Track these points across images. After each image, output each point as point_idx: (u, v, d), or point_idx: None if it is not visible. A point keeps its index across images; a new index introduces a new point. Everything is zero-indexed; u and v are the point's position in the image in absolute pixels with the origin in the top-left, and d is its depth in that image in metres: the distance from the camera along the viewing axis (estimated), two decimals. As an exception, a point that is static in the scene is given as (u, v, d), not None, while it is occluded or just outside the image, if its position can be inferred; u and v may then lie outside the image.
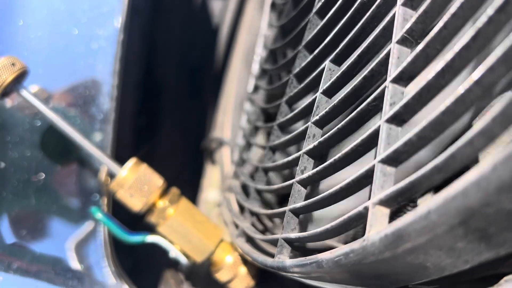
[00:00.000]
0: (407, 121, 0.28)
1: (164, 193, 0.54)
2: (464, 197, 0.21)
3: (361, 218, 0.28)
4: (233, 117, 0.81)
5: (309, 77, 0.41)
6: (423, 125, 0.25)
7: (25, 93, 0.52)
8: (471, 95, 0.23)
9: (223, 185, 0.68)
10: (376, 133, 0.29)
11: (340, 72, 0.35)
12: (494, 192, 0.20)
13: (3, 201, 0.58)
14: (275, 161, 0.46)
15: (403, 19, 0.29)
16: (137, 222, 0.59)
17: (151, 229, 0.56)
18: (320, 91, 0.38)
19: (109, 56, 0.63)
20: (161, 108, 1.06)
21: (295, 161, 0.39)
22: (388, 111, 0.28)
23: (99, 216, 0.54)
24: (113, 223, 0.54)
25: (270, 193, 0.48)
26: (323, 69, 0.38)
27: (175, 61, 1.10)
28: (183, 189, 0.63)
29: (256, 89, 0.61)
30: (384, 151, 0.27)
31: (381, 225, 0.27)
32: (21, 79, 0.52)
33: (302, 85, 0.42)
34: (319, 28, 0.41)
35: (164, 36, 1.08)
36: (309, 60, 0.42)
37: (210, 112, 1.04)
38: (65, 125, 0.53)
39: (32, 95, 0.53)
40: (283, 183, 0.40)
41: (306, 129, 0.39)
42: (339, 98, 0.34)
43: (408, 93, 0.27)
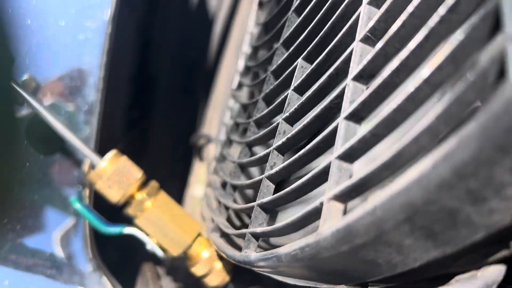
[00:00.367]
0: (365, 118, 0.28)
1: (143, 185, 0.54)
2: (406, 194, 0.22)
3: (318, 213, 0.29)
4: (220, 114, 0.81)
5: (284, 74, 0.41)
6: (375, 123, 0.25)
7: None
8: (421, 93, 0.23)
9: (208, 181, 0.69)
10: (335, 130, 0.29)
11: (309, 69, 0.35)
12: (434, 189, 0.21)
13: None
14: (251, 157, 0.47)
15: (368, 18, 0.30)
16: (119, 214, 0.60)
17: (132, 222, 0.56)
18: (291, 88, 0.38)
19: (96, 48, 0.63)
20: (153, 103, 1.07)
21: (266, 157, 0.40)
22: (347, 109, 0.28)
23: (77, 206, 0.54)
24: (91, 213, 0.55)
25: (243, 189, 0.48)
26: (296, 67, 0.39)
27: (169, 57, 1.11)
28: (172, 184, 0.64)
29: (240, 86, 0.61)
30: (340, 147, 0.27)
31: (335, 220, 0.27)
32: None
33: (277, 82, 0.42)
34: (295, 26, 0.41)
35: (159, 32, 1.09)
36: (284, 57, 0.42)
37: (202, 109, 1.04)
38: (47, 115, 0.53)
39: (17, 84, 0.53)
40: (253, 179, 0.40)
41: (277, 125, 0.39)
42: (306, 95, 0.35)
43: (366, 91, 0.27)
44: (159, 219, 0.52)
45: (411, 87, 0.23)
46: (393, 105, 0.24)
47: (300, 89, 0.37)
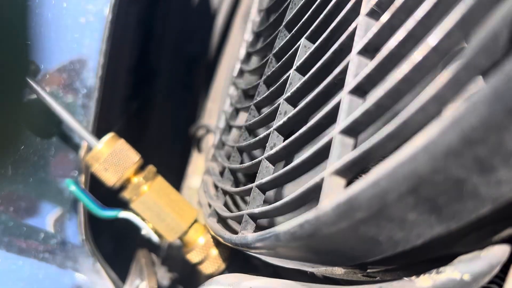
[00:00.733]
0: (369, 92, 0.27)
1: (140, 169, 0.53)
2: (412, 163, 0.21)
3: (319, 189, 0.28)
4: (220, 105, 0.81)
5: (286, 55, 0.40)
6: (380, 94, 0.24)
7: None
8: (428, 62, 0.23)
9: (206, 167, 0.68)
10: (338, 105, 0.28)
11: (313, 48, 0.35)
12: (441, 157, 0.20)
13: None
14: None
15: (374, -8, 0.29)
16: (115, 201, 0.59)
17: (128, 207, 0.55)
18: (293, 68, 0.37)
19: (97, 32, 0.62)
20: (153, 94, 1.06)
21: (266, 139, 0.39)
22: (350, 82, 0.27)
23: (73, 188, 0.53)
24: (86, 196, 0.54)
25: (242, 172, 0.47)
26: (299, 47, 0.38)
27: (170, 49, 1.10)
28: (170, 175, 0.63)
29: (241, 73, 0.60)
30: (343, 121, 0.27)
31: (335, 194, 0.26)
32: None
33: (279, 64, 0.41)
34: (299, 7, 0.41)
35: (161, 23, 1.08)
36: (287, 39, 0.41)
37: (202, 101, 1.03)
38: (45, 95, 0.52)
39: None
40: (252, 161, 0.40)
41: (278, 106, 0.38)
42: (309, 73, 0.34)
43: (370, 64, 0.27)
44: (155, 204, 0.52)
45: (418, 56, 0.23)
46: (399, 74, 0.23)
47: (302, 69, 0.37)
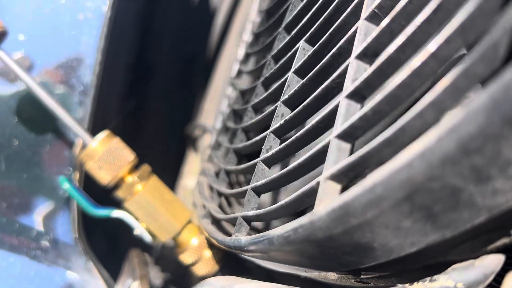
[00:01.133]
0: (367, 97, 0.27)
1: (134, 168, 0.53)
2: (408, 170, 0.21)
3: (314, 193, 0.28)
4: (218, 105, 0.80)
5: (285, 57, 0.40)
6: (378, 99, 0.24)
7: (3, 55, 0.51)
8: (427, 69, 0.22)
9: (201, 168, 0.67)
10: (336, 110, 0.28)
11: (311, 51, 0.35)
12: (438, 165, 0.20)
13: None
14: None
15: (374, -4, 0.29)
16: (108, 201, 0.59)
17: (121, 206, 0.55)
18: (292, 70, 0.37)
19: (95, 29, 0.62)
20: (150, 93, 1.06)
21: (262, 141, 0.39)
22: (349, 87, 0.27)
23: (66, 186, 0.53)
24: (80, 194, 0.53)
25: (237, 174, 0.47)
26: (298, 49, 0.38)
27: (168, 48, 1.10)
28: (165, 174, 0.63)
29: (239, 73, 0.60)
30: (340, 126, 0.27)
31: (330, 200, 0.26)
32: (-1, 40, 0.51)
33: (277, 66, 0.41)
34: (298, 9, 0.40)
35: (159, 22, 1.08)
36: (286, 41, 0.41)
37: (199, 101, 1.03)
38: (40, 91, 0.52)
39: (10, 58, 0.52)
40: (248, 163, 0.39)
41: (275, 109, 0.38)
42: (307, 76, 0.34)
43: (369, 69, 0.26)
44: (149, 204, 0.51)
45: (417, 62, 0.22)
46: (398, 80, 0.23)
47: (301, 72, 0.36)
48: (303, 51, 0.37)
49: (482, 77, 0.20)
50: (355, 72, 0.28)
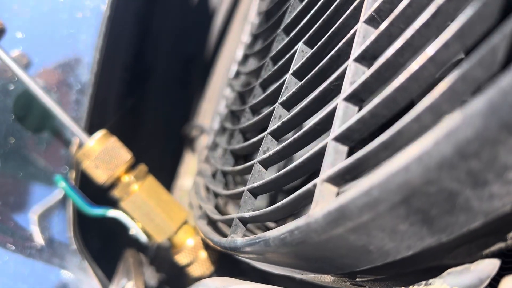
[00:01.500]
0: (365, 100, 0.27)
1: (131, 168, 0.53)
2: (405, 173, 0.21)
3: (311, 195, 0.28)
4: (216, 105, 0.80)
5: (283, 59, 0.40)
6: (376, 102, 0.24)
7: (1, 53, 0.51)
8: (425, 72, 0.22)
9: (198, 169, 0.67)
10: (334, 112, 0.28)
11: (310, 53, 0.34)
12: (435, 168, 0.20)
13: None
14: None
15: (373, -1, 0.29)
16: (104, 201, 0.58)
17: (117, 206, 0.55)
18: (290, 72, 0.37)
19: (93, 27, 0.62)
20: (148, 93, 1.05)
21: (260, 142, 0.39)
22: (347, 89, 0.27)
23: (62, 185, 0.53)
24: (76, 193, 0.53)
25: (234, 175, 0.47)
26: (296, 51, 0.38)
27: (167, 49, 1.10)
28: (162, 174, 0.63)
29: (237, 74, 0.60)
30: (338, 128, 0.26)
31: (327, 202, 0.26)
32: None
33: (275, 67, 0.41)
34: (297, 11, 0.40)
35: (158, 22, 1.07)
36: (285, 43, 0.41)
37: (197, 101, 1.03)
38: (38, 90, 0.52)
39: (8, 56, 0.52)
40: (245, 164, 0.39)
41: (273, 110, 0.38)
42: (306, 78, 0.34)
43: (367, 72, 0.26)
44: (145, 203, 0.51)
45: (415, 65, 0.22)
46: (396, 83, 0.23)
47: (299, 73, 0.36)
48: (302, 53, 0.37)
49: (479, 81, 0.20)
50: (353, 74, 0.28)
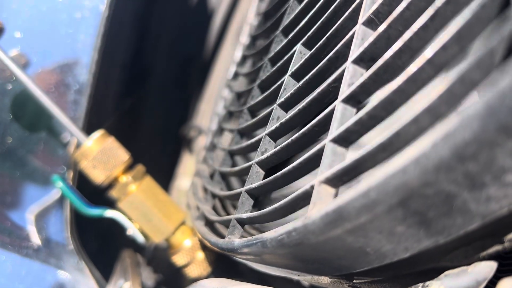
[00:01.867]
0: (363, 102, 0.27)
1: (129, 168, 0.53)
2: (403, 175, 0.21)
3: (308, 197, 0.28)
4: (214, 106, 0.80)
5: (282, 60, 0.40)
6: (374, 104, 0.24)
7: (-1, 52, 0.51)
8: (423, 74, 0.22)
9: (196, 170, 0.67)
10: (331, 114, 0.28)
11: (308, 54, 0.35)
12: (432, 170, 0.20)
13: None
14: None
15: (371, 1, 0.29)
16: (101, 201, 0.58)
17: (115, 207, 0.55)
18: (288, 73, 0.37)
19: (92, 27, 0.62)
20: (146, 93, 1.05)
21: (258, 143, 0.38)
22: (345, 91, 0.27)
23: (60, 185, 0.53)
24: (73, 193, 0.53)
25: (232, 176, 0.47)
26: (295, 53, 0.38)
27: (166, 49, 1.09)
28: (160, 175, 0.63)
29: (235, 75, 0.60)
30: (336, 130, 0.26)
31: (324, 203, 0.26)
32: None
33: (273, 69, 0.41)
34: (296, 12, 0.41)
35: (157, 22, 1.07)
36: (283, 44, 0.41)
37: (195, 102, 1.03)
38: (36, 89, 0.52)
39: (6, 55, 0.52)
40: (243, 165, 0.39)
41: (271, 111, 0.38)
42: (304, 80, 0.34)
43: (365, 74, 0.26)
44: (143, 204, 0.51)
45: (413, 67, 0.22)
46: (394, 85, 0.23)
47: (297, 75, 0.37)
48: (300, 54, 0.37)
49: (477, 84, 0.20)
50: (352, 76, 0.28)
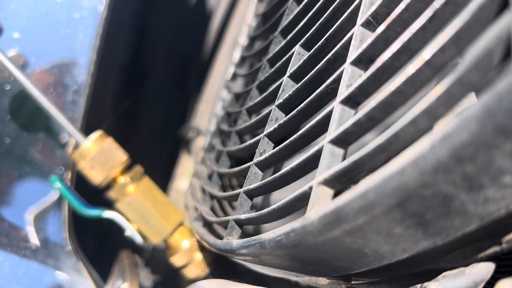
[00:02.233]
0: (361, 103, 0.27)
1: (127, 169, 0.53)
2: (401, 176, 0.21)
3: (306, 198, 0.28)
4: (212, 107, 0.80)
5: (280, 61, 0.40)
6: (372, 106, 0.24)
7: (-3, 52, 0.51)
8: (421, 76, 0.22)
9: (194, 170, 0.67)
10: (330, 115, 0.28)
11: (307, 55, 0.35)
12: (430, 172, 0.20)
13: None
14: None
15: (370, 2, 0.29)
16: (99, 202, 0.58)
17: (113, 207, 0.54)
18: (287, 74, 0.37)
19: (90, 28, 0.62)
20: (145, 94, 1.05)
21: (256, 144, 0.38)
22: (343, 92, 0.27)
23: (58, 185, 0.53)
24: (71, 194, 0.53)
25: (231, 177, 0.47)
26: (293, 54, 0.38)
27: (164, 50, 1.09)
28: (158, 176, 0.63)
29: (234, 76, 0.60)
30: (334, 131, 0.27)
31: (322, 205, 0.26)
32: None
33: (272, 70, 0.41)
34: (295, 14, 0.41)
35: (156, 23, 1.07)
36: (282, 45, 0.41)
37: (194, 103, 1.03)
38: (34, 90, 0.52)
39: (4, 56, 0.52)
40: (242, 166, 0.39)
41: (270, 112, 0.38)
42: (302, 81, 0.34)
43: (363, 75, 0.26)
44: (141, 205, 0.51)
45: (411, 69, 0.22)
46: (392, 87, 0.23)
47: (296, 76, 0.37)
48: (299, 55, 0.37)
49: (475, 85, 0.20)
50: (350, 78, 0.28)
